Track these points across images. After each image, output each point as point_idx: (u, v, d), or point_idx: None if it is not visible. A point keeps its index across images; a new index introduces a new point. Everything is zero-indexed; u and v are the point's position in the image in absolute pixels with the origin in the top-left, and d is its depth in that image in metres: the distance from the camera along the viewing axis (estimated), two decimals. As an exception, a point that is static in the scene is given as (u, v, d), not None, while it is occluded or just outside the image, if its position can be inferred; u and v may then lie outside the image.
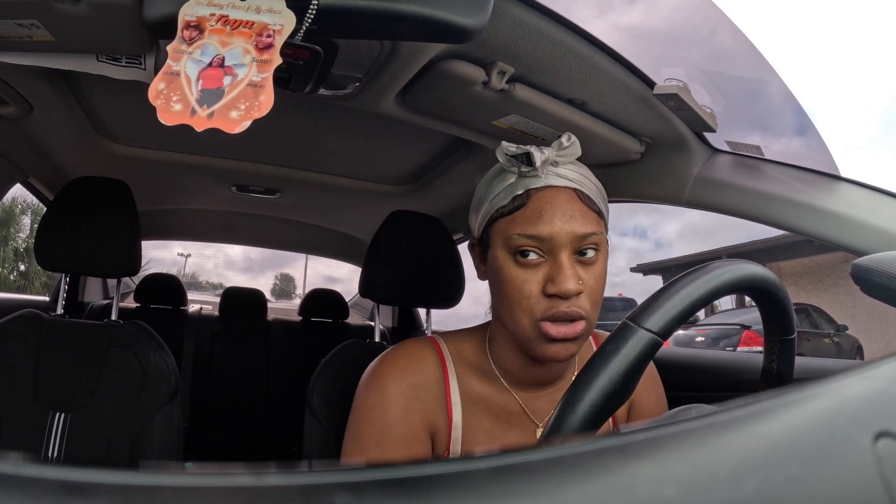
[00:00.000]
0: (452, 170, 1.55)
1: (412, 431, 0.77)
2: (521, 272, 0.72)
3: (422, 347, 0.83)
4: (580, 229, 0.71)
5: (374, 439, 0.77)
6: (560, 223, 0.71)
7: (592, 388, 0.48)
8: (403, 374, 0.79)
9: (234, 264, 41.88)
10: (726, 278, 0.55)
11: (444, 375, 0.80)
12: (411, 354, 0.82)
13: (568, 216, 0.71)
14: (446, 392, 0.80)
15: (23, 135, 1.40)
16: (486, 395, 0.81)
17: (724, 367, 1.57)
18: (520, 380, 0.81)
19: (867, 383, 0.33)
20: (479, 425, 0.80)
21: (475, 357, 0.83)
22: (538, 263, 0.72)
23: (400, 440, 0.77)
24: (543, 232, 0.70)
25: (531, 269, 0.72)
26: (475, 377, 0.82)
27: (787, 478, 0.25)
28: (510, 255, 0.73)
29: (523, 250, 0.72)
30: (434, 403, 0.79)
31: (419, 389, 0.79)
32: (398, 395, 0.78)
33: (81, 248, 1.24)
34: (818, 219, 0.95)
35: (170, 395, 1.23)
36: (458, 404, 0.79)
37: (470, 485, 0.22)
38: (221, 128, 0.55)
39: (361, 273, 1.31)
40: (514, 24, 0.81)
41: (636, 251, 41.75)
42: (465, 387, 0.80)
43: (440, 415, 0.79)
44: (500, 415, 0.81)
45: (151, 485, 0.21)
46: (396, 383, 0.78)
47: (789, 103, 1.15)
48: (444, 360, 0.81)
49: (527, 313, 0.72)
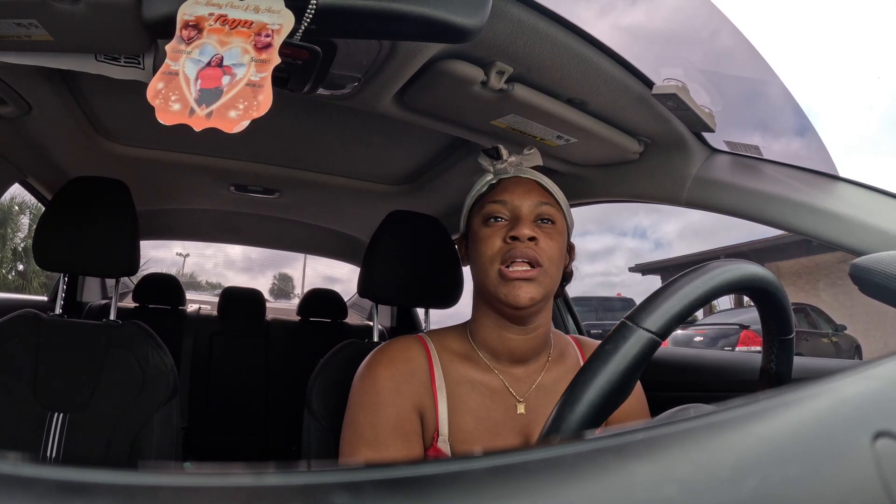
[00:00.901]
0: (451, 170, 1.55)
1: (402, 412, 0.86)
2: (490, 231, 0.88)
3: (408, 341, 0.93)
4: (537, 198, 0.89)
5: (367, 422, 0.85)
6: (521, 193, 0.89)
7: (591, 387, 0.48)
8: (392, 362, 0.89)
9: (234, 264, 41.86)
10: (725, 278, 0.55)
11: (429, 364, 0.90)
12: (399, 346, 0.92)
13: (528, 191, 0.89)
14: (431, 377, 0.89)
15: (21, 134, 1.40)
16: (469, 376, 0.90)
17: (722, 367, 1.57)
18: (499, 354, 0.91)
19: (866, 383, 0.33)
20: (463, 405, 0.88)
21: (458, 345, 0.94)
22: (503, 225, 0.88)
23: (391, 422, 0.85)
24: (507, 197, 0.89)
25: (498, 229, 0.87)
26: (459, 362, 0.91)
27: (786, 477, 0.25)
28: (483, 223, 0.89)
29: (493, 216, 0.88)
30: (420, 387, 0.88)
31: (407, 375, 0.88)
32: (388, 380, 0.87)
33: (80, 248, 1.24)
34: (817, 219, 0.95)
35: (168, 395, 1.23)
36: (442, 388, 0.89)
37: (468, 485, 0.22)
38: (220, 127, 0.55)
39: (360, 273, 1.31)
40: (513, 24, 0.81)
41: (636, 251, 41.81)
42: (448, 372, 0.90)
43: (427, 397, 0.88)
44: (483, 393, 0.90)
45: (150, 485, 0.21)
46: (386, 369, 0.88)
47: (788, 104, 1.16)
48: (428, 351, 0.92)
49: (491, 260, 0.86)
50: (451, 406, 0.88)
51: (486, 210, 0.89)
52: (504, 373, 0.91)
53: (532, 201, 0.88)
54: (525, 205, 0.88)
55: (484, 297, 0.91)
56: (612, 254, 43.28)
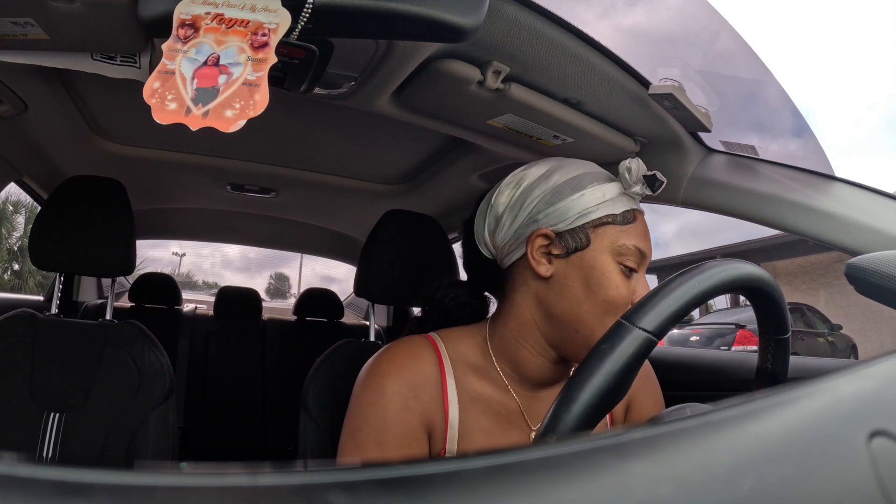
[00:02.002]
0: (448, 169, 1.55)
1: (410, 430, 0.78)
2: (625, 281, 0.78)
3: (419, 345, 0.83)
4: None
5: (371, 439, 0.77)
6: (644, 228, 0.81)
7: (587, 387, 0.48)
8: (401, 372, 0.79)
9: (230, 264, 41.68)
10: (721, 278, 0.55)
11: (441, 373, 0.81)
12: (409, 352, 0.82)
13: (645, 228, 0.81)
14: (443, 390, 0.80)
15: (17, 133, 1.40)
16: (485, 394, 0.82)
17: (718, 367, 1.58)
18: (526, 378, 0.83)
19: (861, 382, 0.33)
20: (476, 423, 0.80)
21: (474, 356, 0.84)
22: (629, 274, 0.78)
23: (398, 440, 0.77)
24: (647, 251, 0.80)
25: (629, 280, 0.78)
26: (474, 376, 0.82)
27: (782, 477, 0.25)
28: (615, 262, 0.78)
29: (630, 260, 0.78)
30: (431, 402, 0.79)
31: (417, 388, 0.79)
32: (396, 394, 0.78)
33: (76, 248, 1.23)
34: (813, 218, 0.95)
35: (165, 395, 1.23)
36: (454, 402, 0.80)
37: (465, 484, 0.22)
38: (216, 126, 0.55)
39: (356, 272, 1.31)
40: (510, 23, 0.81)
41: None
42: (462, 385, 0.81)
43: (437, 413, 0.79)
44: (499, 413, 0.82)
45: (147, 485, 0.20)
46: (394, 382, 0.79)
47: (784, 104, 1.16)
48: (440, 359, 0.82)
49: (616, 306, 0.76)
50: (463, 423, 0.80)
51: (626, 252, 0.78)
52: (520, 395, 0.83)
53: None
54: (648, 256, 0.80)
55: (576, 333, 0.79)
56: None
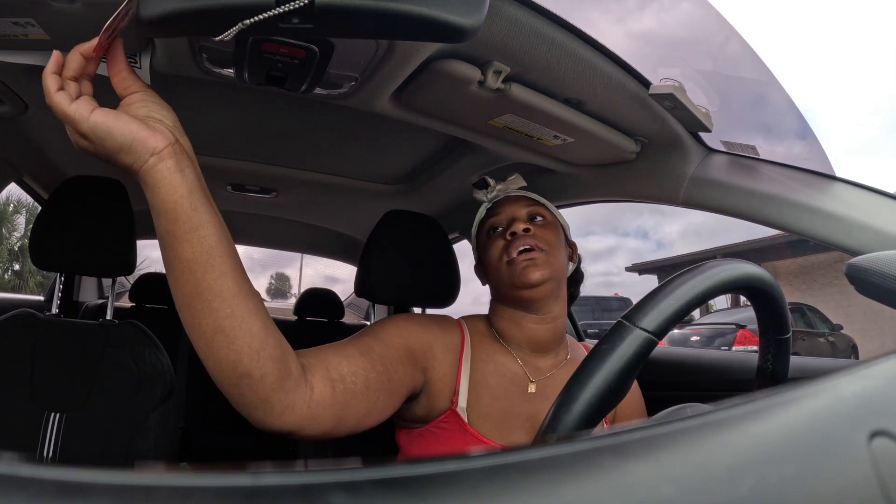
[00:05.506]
0: (448, 169, 1.55)
1: (414, 345, 0.90)
2: (492, 239, 1.01)
3: (448, 317, 1.03)
4: (526, 204, 1.03)
5: (370, 333, 0.87)
6: (511, 203, 1.04)
7: (588, 387, 0.48)
8: (435, 320, 0.98)
9: (230, 264, 41.55)
10: (721, 278, 0.55)
11: (462, 338, 0.98)
12: (442, 316, 1.02)
13: (517, 201, 1.04)
14: (461, 348, 0.97)
15: (18, 134, 1.40)
16: (494, 357, 0.98)
17: (719, 367, 1.58)
18: (519, 342, 0.99)
19: (862, 383, 0.33)
20: (484, 381, 0.95)
21: (486, 330, 1.02)
22: (502, 231, 1.00)
23: (399, 350, 0.86)
24: (501, 209, 1.03)
25: (499, 234, 1.00)
26: (487, 343, 1.00)
27: (782, 476, 0.25)
28: (487, 237, 1.02)
29: (493, 227, 1.02)
30: (449, 352, 0.95)
31: (440, 335, 0.95)
32: (422, 325, 0.94)
33: (76, 248, 1.23)
34: (813, 218, 0.95)
35: (165, 395, 1.23)
36: (468, 360, 0.96)
37: (466, 484, 0.22)
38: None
39: (357, 272, 1.31)
40: (511, 23, 0.81)
41: (638, 251, 41.99)
42: (477, 349, 0.98)
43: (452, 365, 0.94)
44: (504, 374, 0.97)
45: (147, 485, 0.21)
46: (427, 319, 0.96)
47: (785, 104, 1.16)
48: (462, 330, 1.00)
49: (498, 258, 0.98)
50: (473, 380, 0.94)
51: (487, 225, 1.04)
52: (524, 360, 0.99)
53: (522, 207, 1.03)
54: (517, 210, 1.02)
55: (501, 294, 1.01)
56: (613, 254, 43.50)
